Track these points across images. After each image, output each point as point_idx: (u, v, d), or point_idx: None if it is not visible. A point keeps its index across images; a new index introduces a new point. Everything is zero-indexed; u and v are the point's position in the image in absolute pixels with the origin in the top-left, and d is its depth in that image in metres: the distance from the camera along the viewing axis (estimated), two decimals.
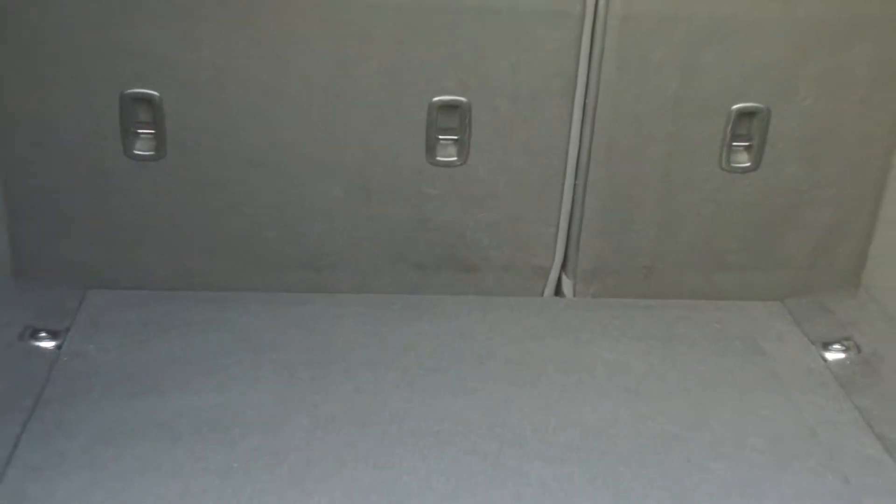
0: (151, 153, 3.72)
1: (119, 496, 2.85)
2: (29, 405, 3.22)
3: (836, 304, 3.95)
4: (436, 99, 3.71)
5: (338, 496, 2.88)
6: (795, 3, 3.61)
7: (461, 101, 3.71)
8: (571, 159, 3.83)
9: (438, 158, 3.79)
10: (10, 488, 2.85)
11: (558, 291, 4.06)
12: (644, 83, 3.71)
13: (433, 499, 2.91)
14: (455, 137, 3.77)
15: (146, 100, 3.65)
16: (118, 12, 3.54)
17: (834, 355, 3.70)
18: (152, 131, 3.70)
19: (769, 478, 3.05)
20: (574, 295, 4.03)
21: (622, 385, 3.48)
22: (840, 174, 3.88)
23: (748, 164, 3.84)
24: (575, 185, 3.86)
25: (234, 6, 3.55)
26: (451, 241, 3.94)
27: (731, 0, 3.60)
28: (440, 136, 3.76)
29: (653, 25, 3.63)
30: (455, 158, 3.80)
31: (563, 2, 3.59)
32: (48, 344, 3.54)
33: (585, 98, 3.75)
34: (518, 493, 2.93)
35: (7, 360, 3.43)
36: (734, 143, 3.81)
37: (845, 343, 3.74)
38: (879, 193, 3.90)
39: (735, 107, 3.75)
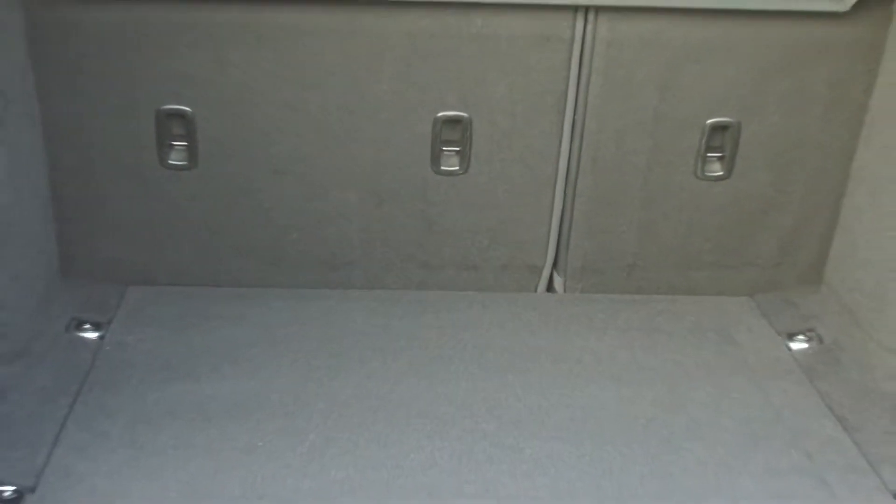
0: (184, 163, 3.68)
1: (157, 472, 2.82)
2: (75, 390, 3.18)
3: (800, 299, 3.90)
4: (440, 114, 3.66)
5: (352, 471, 2.86)
6: (762, 29, 3.57)
7: (463, 117, 3.66)
8: (562, 169, 3.78)
9: (442, 168, 3.75)
10: (58, 465, 2.82)
11: (550, 287, 4.01)
12: (626, 101, 3.66)
13: (438, 473, 2.88)
14: (457, 149, 3.72)
15: (180, 115, 3.61)
16: (157, 38, 3.51)
17: (798, 345, 3.66)
18: (185, 144, 3.66)
19: (740, 456, 3.01)
20: (564, 291, 3.98)
21: (607, 372, 3.43)
22: (803, 182, 3.84)
23: (721, 173, 3.79)
24: (565, 192, 3.81)
25: (260, 33, 3.51)
26: (454, 242, 3.89)
27: (704, 26, 3.55)
28: (444, 148, 3.72)
29: (634, 49, 3.59)
30: (457, 168, 3.75)
31: (554, 28, 3.55)
32: (92, 335, 3.51)
33: (574, 114, 3.70)
34: (513, 469, 2.90)
35: (55, 349, 3.39)
36: (708, 154, 3.76)
37: (808, 334, 3.70)
38: (838, 199, 3.85)
39: (709, 121, 3.70)
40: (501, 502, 2.70)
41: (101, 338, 3.50)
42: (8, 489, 2.66)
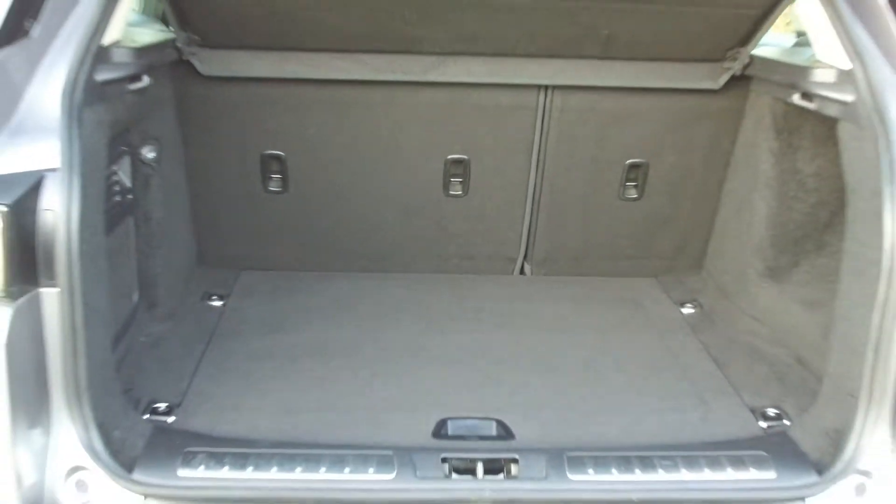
0: (279, 189, 3.67)
1: (261, 392, 2.83)
2: (206, 339, 3.19)
3: (688, 280, 3.88)
4: (449, 157, 3.65)
5: (392, 392, 2.87)
6: (662, 100, 3.55)
7: (464, 158, 3.65)
8: (529, 193, 3.75)
9: (450, 192, 3.73)
10: (196, 389, 2.82)
11: (522, 272, 3.97)
12: (572, 148, 3.65)
13: (448, 392, 2.88)
14: (461, 180, 3.70)
15: (276, 158, 3.61)
16: (261, 107, 3.52)
17: (686, 310, 3.63)
18: (280, 176, 3.65)
19: (647, 383, 2.99)
20: (531, 274, 3.95)
21: (559, 327, 3.41)
22: (689, 203, 3.81)
23: (635, 196, 3.76)
24: (531, 208, 3.79)
25: (328, 104, 3.51)
26: (458, 241, 3.86)
27: (623, 98, 3.54)
28: (451, 179, 3.70)
29: (577, 114, 3.58)
30: (460, 192, 3.73)
31: (525, 100, 3.55)
32: (217, 303, 3.51)
33: (538, 157, 3.67)
34: (497, 390, 2.89)
35: (193, 312, 3.40)
36: (626, 184, 3.73)
37: (693, 303, 3.67)
38: (713, 214, 3.83)
39: (627, 161, 3.68)
40: (489, 414, 2.67)
41: (223, 305, 3.50)
42: (163, 404, 2.66)
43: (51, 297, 2.13)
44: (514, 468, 2.33)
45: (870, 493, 2.31)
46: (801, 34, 3.42)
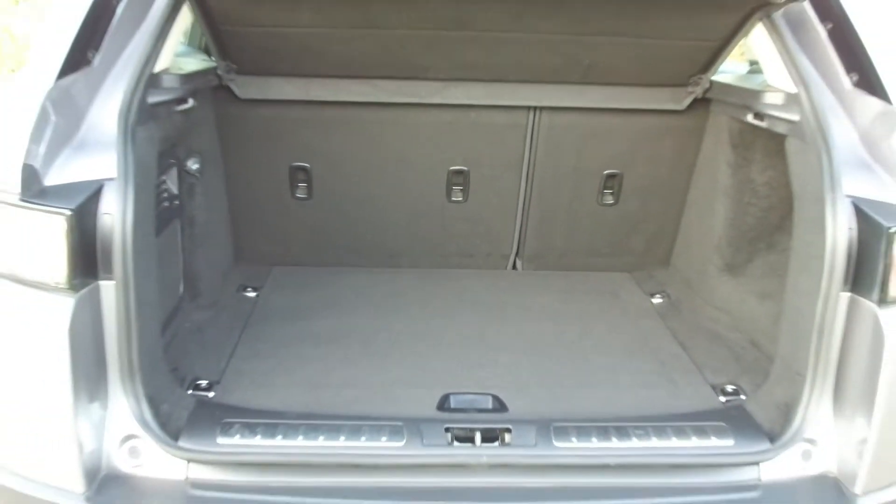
0: (305, 196, 3.66)
1: (289, 372, 2.82)
2: (241, 325, 3.18)
3: (657, 274, 3.87)
4: (451, 168, 3.64)
5: (403, 371, 2.85)
6: (634, 118, 3.54)
7: (464, 169, 3.64)
8: (520, 200, 3.74)
9: (452, 199, 3.72)
10: (233, 368, 2.82)
11: (514, 267, 3.95)
12: (557, 160, 3.63)
13: (451, 368, 2.87)
14: (461, 188, 3.69)
15: (303, 169, 3.60)
16: (290, 125, 3.51)
17: (656, 300, 3.61)
18: (306, 185, 3.64)
19: (622, 363, 2.99)
20: (522, 269, 3.94)
21: (545, 313, 3.41)
22: (658, 208, 3.80)
23: (611, 202, 3.74)
24: (522, 213, 3.77)
25: (347, 123, 3.50)
26: (459, 241, 3.85)
27: (600, 117, 3.53)
28: (453, 187, 3.69)
29: (561, 131, 3.57)
30: (461, 199, 3.72)
31: (517, 119, 3.54)
32: (252, 294, 3.50)
33: (528, 168, 3.66)
34: (494, 370, 2.88)
35: (231, 302, 3.38)
36: (604, 191, 3.72)
37: (662, 294, 3.65)
38: (678, 217, 3.81)
39: (604, 172, 3.67)
40: (486, 390, 2.68)
41: (257, 296, 3.48)
42: (204, 381, 2.67)
43: (108, 289, 2.14)
44: (507, 437, 2.33)
45: (815, 458, 2.32)
46: (753, 63, 3.42)
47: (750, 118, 3.03)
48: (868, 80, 2.47)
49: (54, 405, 2.08)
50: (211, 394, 2.62)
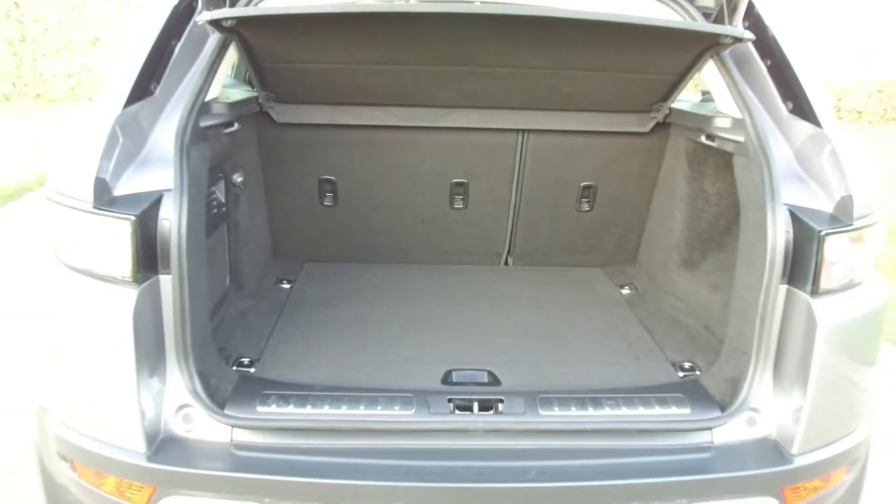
0: (331, 204, 3.64)
1: (318, 353, 2.80)
2: (278, 312, 3.16)
3: (626, 269, 3.84)
4: (453, 180, 3.61)
5: (414, 350, 2.83)
6: (605, 139, 3.51)
7: (464, 181, 3.62)
8: (511, 207, 3.71)
9: (455, 206, 3.69)
10: (271, 349, 2.80)
11: (506, 263, 3.92)
12: (542, 174, 3.61)
13: (450, 348, 2.85)
14: (462, 197, 3.67)
15: (330, 181, 3.58)
16: (319, 144, 3.48)
17: (625, 291, 3.58)
18: (332, 195, 3.62)
19: (596, 343, 2.97)
20: (513, 265, 3.91)
21: (532, 304, 3.38)
22: (627, 214, 3.77)
23: (587, 209, 3.72)
24: (513, 218, 3.75)
25: (367, 142, 3.47)
26: (460, 241, 3.82)
27: (577, 137, 3.49)
28: (455, 196, 3.66)
29: (546, 150, 3.54)
30: (462, 206, 3.69)
31: (508, 140, 3.51)
32: (287, 286, 3.47)
33: (517, 181, 3.63)
34: (487, 350, 2.86)
35: (269, 292, 3.36)
36: (581, 200, 3.69)
37: (630, 286, 3.63)
38: (643, 222, 3.78)
39: (581, 184, 3.64)
40: (482, 367, 2.66)
41: (291, 287, 3.46)
42: (246, 359, 2.65)
43: (166, 282, 2.13)
44: (500, 406, 2.32)
45: (758, 424, 2.30)
46: (705, 93, 3.40)
47: (703, 139, 3.01)
48: (801, 108, 2.46)
49: (121, 379, 2.07)
50: (252, 370, 2.60)
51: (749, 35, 2.47)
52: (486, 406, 2.32)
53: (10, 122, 11.86)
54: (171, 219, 2.11)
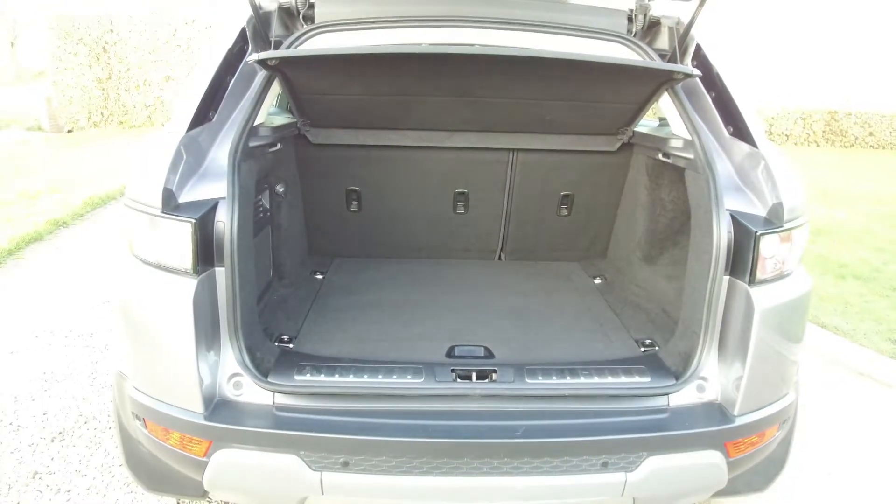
0: (356, 210, 3.61)
1: (345, 330, 2.77)
2: (312, 298, 3.13)
3: (598, 263, 3.80)
4: (456, 190, 3.58)
5: (423, 328, 2.79)
6: (580, 157, 3.47)
7: (465, 191, 3.58)
8: (503, 212, 3.67)
9: (457, 211, 3.65)
10: (307, 328, 2.77)
11: (500, 259, 3.88)
12: (529, 185, 3.57)
13: (453, 330, 2.80)
14: (463, 204, 3.63)
15: (355, 191, 3.55)
16: (345, 160, 3.44)
17: (597, 281, 3.53)
18: (357, 202, 3.59)
19: (573, 325, 2.93)
20: (505, 260, 3.87)
21: (521, 292, 3.34)
22: (598, 218, 3.73)
23: (566, 214, 3.68)
24: (505, 221, 3.71)
25: (386, 159, 3.44)
26: (461, 241, 3.78)
27: (559, 158, 3.46)
28: (457, 204, 3.63)
29: (532, 165, 3.50)
30: (463, 211, 3.65)
31: (501, 157, 3.47)
32: (320, 276, 3.44)
33: (508, 191, 3.60)
34: (484, 329, 2.82)
35: (306, 282, 3.33)
36: (561, 206, 3.65)
37: (601, 277, 3.58)
38: (612, 224, 3.74)
39: (561, 193, 3.61)
40: (479, 343, 2.63)
41: (323, 278, 3.43)
42: (286, 337, 2.63)
43: (220, 274, 2.11)
44: (494, 376, 2.29)
45: (706, 390, 2.27)
46: (662, 118, 3.36)
47: (660, 157, 2.98)
48: (740, 131, 2.44)
49: (183, 353, 2.06)
50: (291, 345, 2.59)
51: (697, 72, 2.46)
52: (482, 375, 2.30)
53: (99, 144, 12.12)
54: (225, 221, 2.09)
